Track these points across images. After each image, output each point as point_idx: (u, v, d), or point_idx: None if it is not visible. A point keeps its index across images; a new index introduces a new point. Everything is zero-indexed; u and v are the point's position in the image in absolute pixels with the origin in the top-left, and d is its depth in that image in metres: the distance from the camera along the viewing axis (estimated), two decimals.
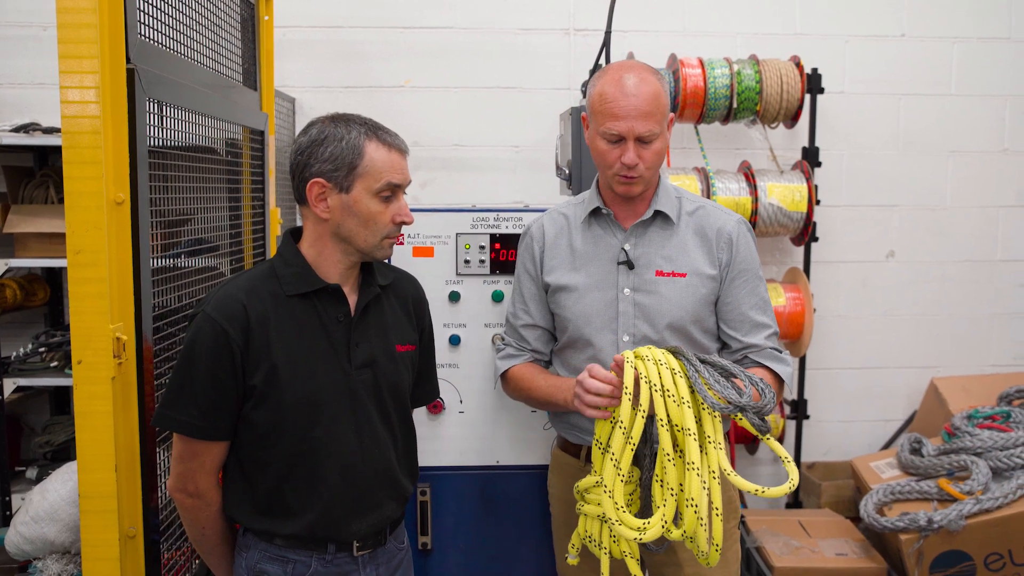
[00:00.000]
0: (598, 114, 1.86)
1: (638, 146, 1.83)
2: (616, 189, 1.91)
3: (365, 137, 1.61)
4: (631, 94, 1.81)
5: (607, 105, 1.83)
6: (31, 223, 2.82)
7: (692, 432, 1.59)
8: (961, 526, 2.68)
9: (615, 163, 1.86)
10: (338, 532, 1.67)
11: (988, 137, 3.60)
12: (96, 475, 1.59)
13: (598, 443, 1.76)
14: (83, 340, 1.56)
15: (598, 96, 1.86)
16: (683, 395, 1.61)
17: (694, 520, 1.59)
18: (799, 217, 3.16)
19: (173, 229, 1.99)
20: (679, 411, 1.60)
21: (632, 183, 1.88)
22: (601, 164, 1.91)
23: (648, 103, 1.81)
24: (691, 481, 1.58)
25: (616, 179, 1.88)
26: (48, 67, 3.26)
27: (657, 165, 1.90)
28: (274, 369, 1.60)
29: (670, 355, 1.66)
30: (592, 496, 1.78)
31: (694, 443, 1.59)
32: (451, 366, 2.47)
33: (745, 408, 1.59)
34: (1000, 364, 3.67)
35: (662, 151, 1.89)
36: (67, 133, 1.53)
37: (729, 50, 3.38)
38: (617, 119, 1.82)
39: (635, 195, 1.92)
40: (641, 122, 1.81)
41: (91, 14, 1.51)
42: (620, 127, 1.82)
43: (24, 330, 3.30)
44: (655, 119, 1.83)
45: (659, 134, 1.85)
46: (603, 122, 1.84)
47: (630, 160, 1.83)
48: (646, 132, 1.82)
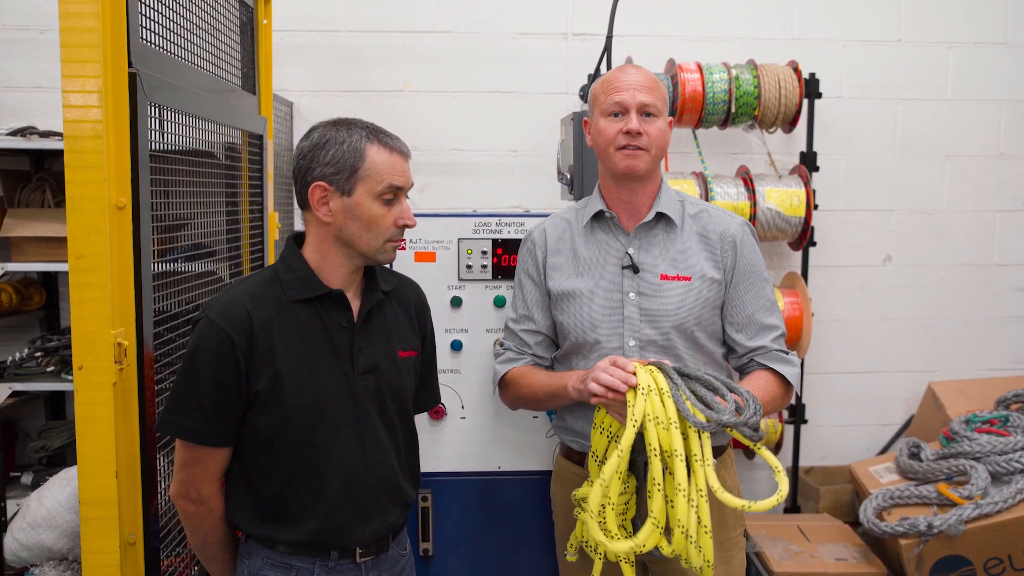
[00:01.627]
0: (600, 97, 1.92)
1: (641, 118, 1.87)
2: (620, 165, 1.89)
3: (366, 140, 1.61)
4: (631, 72, 1.91)
5: (609, 85, 1.91)
6: (27, 227, 2.81)
7: (679, 453, 1.60)
8: (961, 531, 2.68)
9: (617, 135, 1.87)
10: (341, 539, 1.66)
11: (985, 141, 3.62)
12: (97, 481, 1.58)
13: (594, 455, 1.78)
14: (84, 345, 1.55)
15: (600, 84, 1.94)
16: (671, 417, 1.62)
17: (683, 541, 1.60)
18: (797, 222, 3.16)
19: (172, 234, 1.98)
20: (667, 435, 1.62)
21: (636, 155, 1.87)
22: (604, 144, 1.91)
23: (648, 81, 1.90)
24: (679, 503, 1.60)
25: (619, 154, 1.88)
26: (45, 70, 3.24)
27: (660, 146, 1.91)
28: (278, 375, 1.59)
29: (657, 374, 1.67)
30: (588, 505, 1.78)
31: (681, 464, 1.60)
32: (453, 371, 2.46)
33: (730, 425, 1.60)
34: (997, 368, 3.68)
35: (664, 134, 1.92)
36: (69, 137, 1.52)
37: (727, 55, 3.39)
38: (619, 91, 1.88)
39: (640, 171, 1.89)
40: (643, 93, 1.87)
41: (94, 18, 1.50)
42: (623, 96, 1.87)
43: (20, 335, 3.27)
44: (656, 95, 1.89)
45: (661, 112, 1.90)
46: (605, 99, 1.90)
47: (634, 126, 1.86)
48: (648, 101, 1.87)
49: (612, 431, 1.75)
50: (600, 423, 1.78)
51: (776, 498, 1.59)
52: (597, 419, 1.79)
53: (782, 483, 1.63)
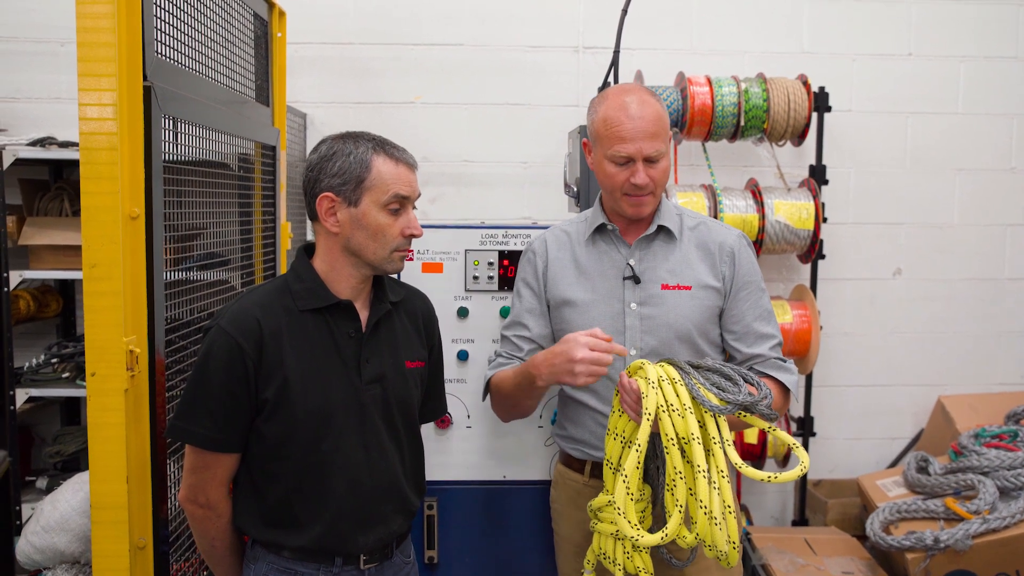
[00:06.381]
0: (604, 138, 1.90)
1: (646, 166, 1.88)
2: (627, 212, 1.94)
3: (373, 151, 1.64)
4: (636, 116, 1.86)
5: (613, 129, 1.87)
6: (46, 235, 2.86)
7: (697, 437, 1.61)
8: (968, 545, 2.67)
9: (624, 183, 1.89)
10: (345, 545, 1.68)
11: (995, 155, 3.61)
12: (108, 486, 1.61)
13: (608, 463, 1.78)
14: (97, 353, 1.59)
15: (602, 122, 1.90)
16: (685, 403, 1.63)
17: (707, 523, 1.60)
18: (806, 235, 3.16)
19: (186, 243, 2.02)
20: (683, 423, 1.62)
21: (642, 203, 1.91)
22: (610, 187, 1.93)
23: (653, 124, 1.86)
24: (699, 485, 1.60)
25: (626, 200, 1.91)
26: (64, 82, 3.31)
27: (664, 183, 1.94)
28: (286, 383, 1.62)
29: (668, 367, 1.68)
30: (605, 515, 1.79)
31: (699, 447, 1.60)
32: (459, 381, 2.49)
33: (747, 406, 1.61)
34: (1007, 383, 3.67)
35: (667, 168, 1.94)
36: (85, 149, 1.56)
37: (737, 68, 3.41)
38: (625, 142, 1.86)
39: (645, 215, 1.95)
40: (648, 143, 1.86)
41: (110, 33, 1.55)
42: (629, 149, 1.86)
43: (37, 341, 3.33)
44: (660, 139, 1.88)
45: (665, 153, 1.90)
46: (611, 146, 1.88)
47: (641, 180, 1.87)
48: (654, 152, 1.87)
49: (626, 436, 1.75)
50: (614, 428, 1.78)
51: (799, 470, 1.61)
52: (611, 424, 1.80)
53: (803, 457, 1.63)
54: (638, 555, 1.76)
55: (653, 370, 1.67)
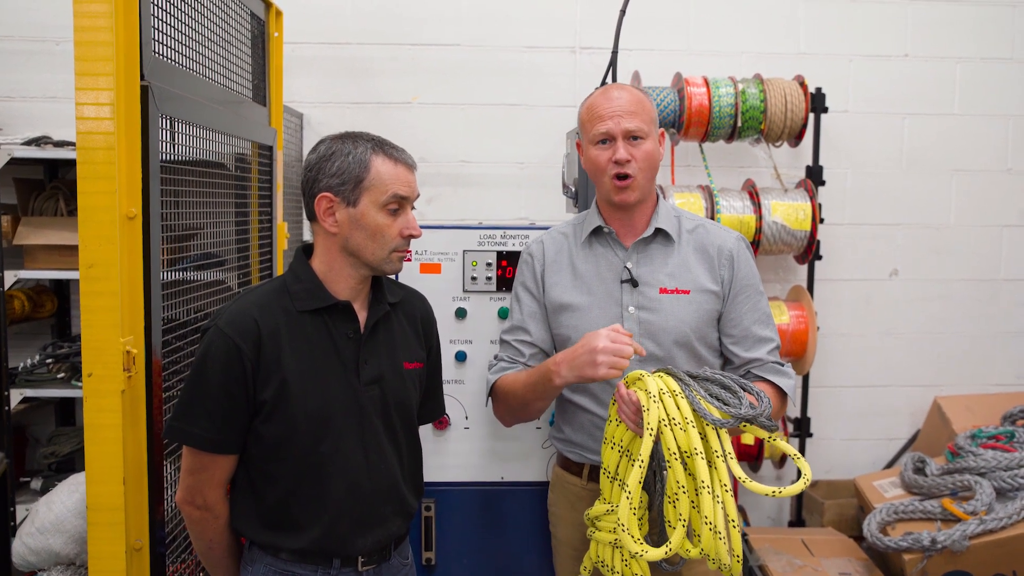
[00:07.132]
0: (586, 124, 1.94)
1: (628, 144, 1.88)
2: (613, 198, 1.92)
3: (371, 151, 1.64)
4: (615, 97, 1.90)
5: (593, 112, 1.91)
6: (41, 235, 2.85)
7: (700, 452, 1.60)
8: (965, 546, 2.67)
9: (607, 164, 1.89)
10: (343, 547, 1.68)
11: (992, 156, 3.62)
12: (104, 487, 1.60)
13: (606, 472, 1.77)
14: (94, 353, 1.58)
15: (586, 111, 1.95)
16: (687, 417, 1.62)
17: (711, 538, 1.59)
18: (803, 235, 3.17)
19: (182, 244, 2.01)
20: (686, 437, 1.61)
21: (627, 187, 1.89)
22: (595, 172, 1.93)
23: (632, 104, 1.89)
24: (703, 500, 1.59)
25: (611, 184, 1.90)
26: (60, 81, 3.29)
27: (650, 169, 1.92)
28: (284, 384, 1.61)
29: (667, 378, 1.68)
30: (603, 523, 1.78)
31: (702, 461, 1.60)
32: (457, 382, 2.48)
33: (750, 419, 1.61)
34: (1004, 384, 3.67)
35: (654, 154, 1.92)
36: (82, 148, 1.55)
37: (734, 69, 3.41)
38: (604, 120, 1.89)
39: (632, 202, 1.92)
40: (627, 118, 1.87)
41: (107, 32, 1.54)
42: (608, 125, 1.88)
43: (31, 341, 3.32)
44: (641, 118, 1.88)
45: (648, 134, 1.89)
46: (591, 128, 1.91)
47: (621, 156, 1.87)
48: (633, 127, 1.87)
49: (624, 445, 1.74)
50: (611, 437, 1.77)
51: (803, 483, 1.61)
52: (608, 433, 1.79)
53: (804, 469, 1.63)
54: (636, 562, 1.75)
55: (653, 382, 1.66)
